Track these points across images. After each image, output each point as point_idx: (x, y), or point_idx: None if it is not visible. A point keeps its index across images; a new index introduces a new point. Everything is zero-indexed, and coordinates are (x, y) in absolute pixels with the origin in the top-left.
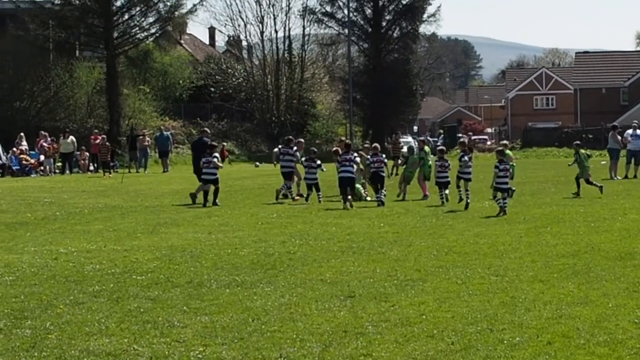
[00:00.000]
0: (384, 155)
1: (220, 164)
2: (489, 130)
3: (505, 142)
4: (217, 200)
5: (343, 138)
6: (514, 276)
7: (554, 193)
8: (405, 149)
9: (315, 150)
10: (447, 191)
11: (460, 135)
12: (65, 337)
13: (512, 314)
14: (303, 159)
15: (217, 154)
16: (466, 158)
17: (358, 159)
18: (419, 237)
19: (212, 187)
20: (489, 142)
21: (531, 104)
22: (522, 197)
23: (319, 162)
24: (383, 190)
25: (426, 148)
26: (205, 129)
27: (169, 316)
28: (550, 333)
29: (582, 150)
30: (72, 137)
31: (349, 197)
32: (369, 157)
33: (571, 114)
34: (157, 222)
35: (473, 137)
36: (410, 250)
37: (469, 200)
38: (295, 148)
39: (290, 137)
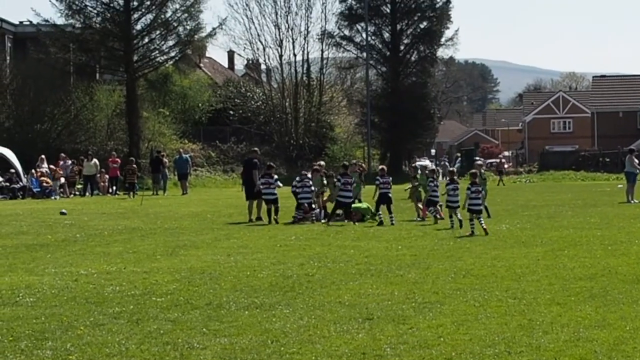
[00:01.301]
0: (390, 178)
1: (280, 185)
2: (506, 153)
3: (479, 162)
4: (277, 218)
5: (362, 162)
6: (531, 299)
7: (571, 216)
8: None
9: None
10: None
11: (476, 158)
12: (85, 358)
13: (530, 336)
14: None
15: (276, 176)
16: (451, 187)
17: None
18: (437, 259)
19: (273, 206)
20: (506, 166)
21: (548, 128)
22: (539, 220)
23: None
24: (392, 215)
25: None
26: (255, 149)
27: (189, 338)
28: (568, 356)
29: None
30: (95, 160)
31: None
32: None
33: (588, 137)
34: (176, 244)
35: (503, 161)
36: (428, 272)
37: (460, 217)
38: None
39: (346, 162)
